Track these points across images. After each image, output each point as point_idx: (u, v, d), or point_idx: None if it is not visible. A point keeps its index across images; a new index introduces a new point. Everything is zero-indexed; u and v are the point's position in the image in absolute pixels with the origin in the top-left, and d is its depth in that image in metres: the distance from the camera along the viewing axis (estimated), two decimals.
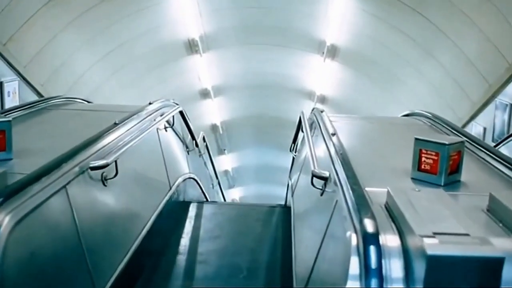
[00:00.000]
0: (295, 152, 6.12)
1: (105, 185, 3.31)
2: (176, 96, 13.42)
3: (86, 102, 5.72)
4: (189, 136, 6.27)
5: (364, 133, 4.25)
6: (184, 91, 13.40)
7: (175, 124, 5.55)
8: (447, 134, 4.16)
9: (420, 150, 2.90)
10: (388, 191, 2.40)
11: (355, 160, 3.12)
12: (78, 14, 8.66)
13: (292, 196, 4.86)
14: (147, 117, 4.45)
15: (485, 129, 8.29)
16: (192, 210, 5.30)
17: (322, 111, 4.77)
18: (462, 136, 3.93)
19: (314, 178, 3.22)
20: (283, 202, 18.79)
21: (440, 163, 2.82)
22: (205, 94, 13.87)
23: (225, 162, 19.91)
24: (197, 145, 6.52)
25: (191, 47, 11.41)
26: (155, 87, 12.37)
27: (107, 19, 9.30)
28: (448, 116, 9.58)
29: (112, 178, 3.35)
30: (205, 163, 8.29)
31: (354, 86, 12.07)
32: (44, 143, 3.45)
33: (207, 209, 5.41)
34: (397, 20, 8.90)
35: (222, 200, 10.86)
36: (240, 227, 4.86)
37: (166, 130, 5.04)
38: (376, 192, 2.59)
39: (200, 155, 7.51)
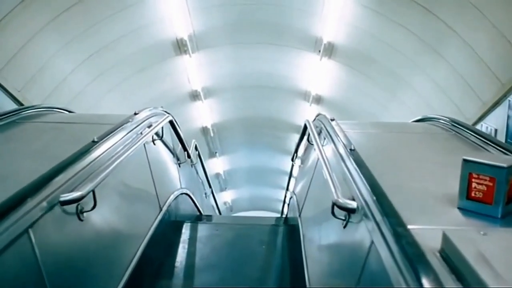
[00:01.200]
0: (299, 163, 5.58)
1: (82, 220, 2.71)
2: (165, 99, 12.88)
3: (66, 112, 5.11)
4: (180, 147, 5.67)
5: (383, 146, 3.67)
6: (172, 94, 12.78)
7: (164, 135, 4.96)
8: (481, 146, 3.60)
9: (470, 174, 2.33)
10: (444, 235, 1.84)
11: (383, 183, 2.57)
12: (57, 14, 8.01)
13: (300, 215, 4.28)
14: (132, 130, 3.84)
15: (496, 130, 7.75)
16: (186, 232, 4.71)
17: (332, 120, 4.19)
18: (502, 148, 3.38)
19: (336, 207, 2.65)
20: (276, 205, 18.30)
21: (497, 190, 2.26)
22: (195, 96, 13.25)
23: (217, 165, 19.34)
24: (189, 156, 5.92)
25: (180, 47, 10.78)
26: (142, 90, 11.75)
27: (89, 18, 8.65)
28: (454, 116, 9.09)
29: (90, 210, 2.75)
30: (197, 172, 7.70)
31: (353, 85, 11.50)
32: (5, 168, 2.83)
33: (202, 230, 4.83)
34: (400, 16, 8.34)
35: (215, 207, 10.27)
36: (240, 253, 4.27)
37: (154, 143, 4.43)
38: (422, 232, 2.04)
39: (192, 165, 6.92)
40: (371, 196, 2.39)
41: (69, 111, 5.22)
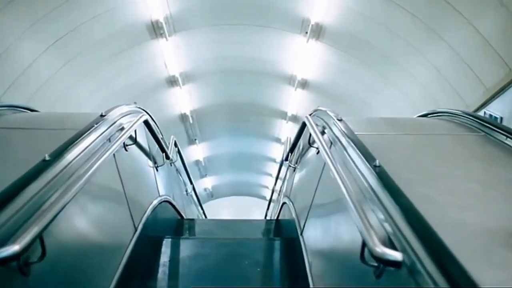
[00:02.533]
0: (294, 164, 4.90)
1: (26, 276, 1.99)
2: (140, 86, 12.02)
3: (27, 111, 4.34)
4: (157, 147, 4.93)
5: (408, 156, 2.98)
6: (148, 80, 11.95)
7: (139, 137, 4.24)
8: None
9: None
10: None
11: (424, 214, 1.92)
12: None
13: (302, 234, 3.59)
14: (98, 137, 3.10)
15: (502, 118, 7.16)
16: (166, 251, 4.01)
17: (339, 120, 3.49)
18: None
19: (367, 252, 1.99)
20: (258, 191, 17.77)
21: None
22: (172, 81, 12.42)
23: (196, 152, 18.63)
24: (167, 157, 5.19)
25: (155, 30, 9.92)
26: (116, 76, 10.89)
27: None
28: (454, 103, 8.45)
29: (38, 261, 2.03)
30: (177, 169, 6.98)
31: (342, 70, 10.79)
32: None
33: (184, 248, 4.13)
34: None
35: (197, 204, 9.60)
36: (232, 279, 3.58)
37: (126, 149, 3.70)
38: None
39: (172, 163, 6.21)
40: (422, 247, 1.73)
41: (32, 110, 4.46)
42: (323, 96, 11.97)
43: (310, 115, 4.56)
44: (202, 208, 10.09)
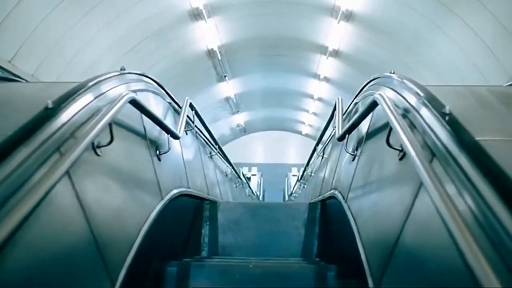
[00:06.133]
0: (354, 150, 3.43)
1: None
2: (158, 20, 10.47)
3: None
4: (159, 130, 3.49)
5: None
6: (168, 13, 10.35)
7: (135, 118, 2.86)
8: None
9: None
10: None
11: None
12: None
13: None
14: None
15: None
16: None
17: (427, 102, 2.05)
18: None
19: None
20: (294, 126, 16.42)
21: None
22: (196, 15, 10.77)
23: (226, 89, 17.34)
24: (175, 137, 3.75)
25: None
26: (131, 9, 9.34)
27: None
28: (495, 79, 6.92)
29: None
30: (197, 135, 5.61)
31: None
32: None
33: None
34: None
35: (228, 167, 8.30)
36: None
37: (97, 155, 2.30)
38: None
39: (189, 132, 4.86)
40: None
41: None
42: (372, 32, 10.23)
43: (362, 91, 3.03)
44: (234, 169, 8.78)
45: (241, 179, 10.96)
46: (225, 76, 15.67)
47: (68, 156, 1.83)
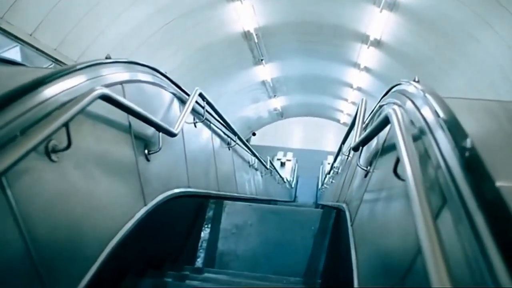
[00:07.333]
0: (367, 165, 2.99)
1: None
2: (190, 1, 10.11)
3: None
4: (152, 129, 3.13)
5: None
6: None
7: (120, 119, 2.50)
8: None
9: None
10: None
11: None
12: None
13: None
14: None
15: None
16: None
17: (447, 129, 1.61)
18: None
19: None
20: (332, 113, 15.84)
21: None
22: None
23: (263, 72, 16.88)
24: (169, 135, 3.39)
25: None
26: None
27: None
28: None
29: None
30: (210, 124, 5.24)
31: None
32: None
33: None
34: None
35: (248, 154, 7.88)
36: None
37: (52, 161, 1.96)
38: None
39: (199, 123, 4.51)
40: None
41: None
42: (415, 23, 9.59)
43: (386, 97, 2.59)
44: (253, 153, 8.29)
45: (268, 168, 10.56)
46: (261, 60, 15.23)
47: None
